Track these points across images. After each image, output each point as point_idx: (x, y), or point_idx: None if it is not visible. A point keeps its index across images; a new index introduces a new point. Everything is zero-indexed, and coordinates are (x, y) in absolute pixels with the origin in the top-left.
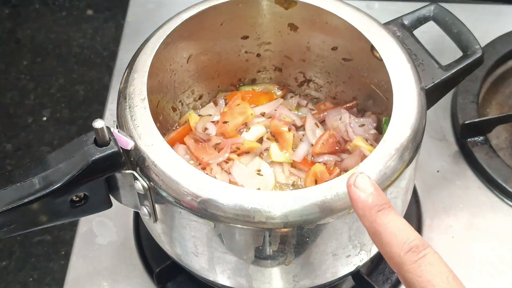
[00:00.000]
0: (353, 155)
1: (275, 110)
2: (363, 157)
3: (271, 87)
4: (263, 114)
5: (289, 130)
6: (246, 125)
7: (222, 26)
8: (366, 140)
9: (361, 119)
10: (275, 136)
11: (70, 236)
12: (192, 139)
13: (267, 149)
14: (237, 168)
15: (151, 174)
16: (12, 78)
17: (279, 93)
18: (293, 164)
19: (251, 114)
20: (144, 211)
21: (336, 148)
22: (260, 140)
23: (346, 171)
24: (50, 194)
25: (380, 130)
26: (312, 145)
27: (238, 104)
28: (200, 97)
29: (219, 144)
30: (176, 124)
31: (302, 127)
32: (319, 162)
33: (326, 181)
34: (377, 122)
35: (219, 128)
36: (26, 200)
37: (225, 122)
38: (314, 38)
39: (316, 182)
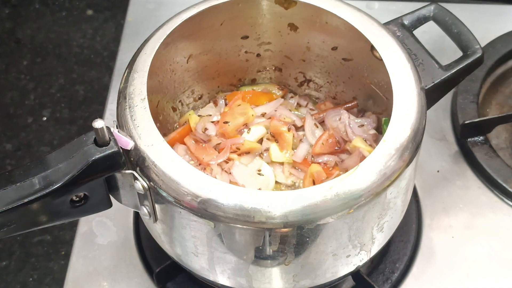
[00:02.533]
0: (352, 156)
1: (275, 110)
2: (362, 157)
3: (271, 87)
4: (263, 115)
5: (289, 130)
6: (246, 125)
7: (222, 26)
8: (365, 140)
9: (361, 119)
10: (275, 137)
11: (70, 236)
12: (193, 140)
13: (267, 150)
14: (237, 168)
15: (151, 174)
16: (12, 78)
17: (279, 93)
18: (293, 165)
19: (252, 115)
20: (144, 211)
21: (336, 148)
22: (260, 141)
23: (346, 171)
24: (50, 194)
25: (380, 130)
26: (312, 145)
27: (239, 105)
28: (200, 97)
29: (219, 144)
30: (176, 124)
31: (302, 128)
32: (318, 163)
33: (323, 180)
34: (377, 122)
35: (219, 128)
36: (26, 200)
37: (225, 122)
38: (314, 38)
39: (313, 183)
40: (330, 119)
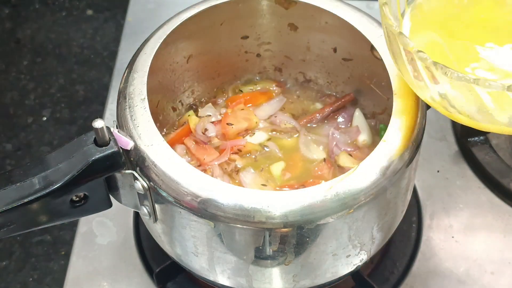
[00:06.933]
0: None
1: (275, 116)
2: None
3: (269, 84)
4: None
5: None
6: (247, 131)
7: (222, 26)
8: (350, 155)
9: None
10: None
11: (70, 236)
12: (193, 141)
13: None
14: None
15: (151, 174)
16: (12, 78)
17: (277, 90)
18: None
19: (256, 122)
20: (144, 211)
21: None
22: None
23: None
24: (50, 194)
25: (377, 131)
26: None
27: (242, 109)
28: (200, 97)
29: (219, 145)
30: (176, 124)
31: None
32: None
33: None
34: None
35: (221, 129)
36: (26, 200)
37: (229, 124)
38: (314, 38)
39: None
40: (321, 131)
